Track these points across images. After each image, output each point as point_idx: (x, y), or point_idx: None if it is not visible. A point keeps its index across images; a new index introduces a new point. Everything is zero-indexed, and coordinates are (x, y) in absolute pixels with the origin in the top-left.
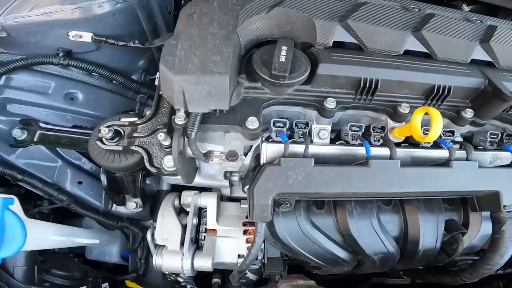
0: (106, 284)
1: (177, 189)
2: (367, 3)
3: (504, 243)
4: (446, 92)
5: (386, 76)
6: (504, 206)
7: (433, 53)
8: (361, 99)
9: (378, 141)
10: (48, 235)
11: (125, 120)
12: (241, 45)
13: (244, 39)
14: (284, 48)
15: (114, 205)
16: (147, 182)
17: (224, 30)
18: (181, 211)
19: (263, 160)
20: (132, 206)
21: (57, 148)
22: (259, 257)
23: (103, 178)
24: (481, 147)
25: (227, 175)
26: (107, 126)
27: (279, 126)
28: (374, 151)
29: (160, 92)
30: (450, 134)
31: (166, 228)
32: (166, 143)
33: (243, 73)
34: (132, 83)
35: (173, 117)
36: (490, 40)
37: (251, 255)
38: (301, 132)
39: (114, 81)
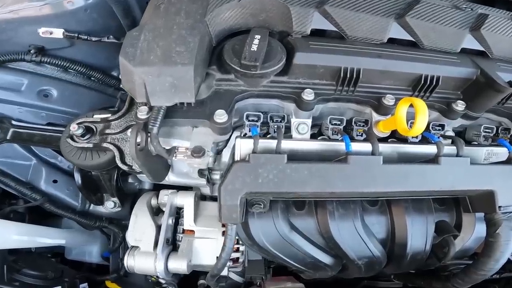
0: (85, 285)
1: (160, 188)
2: None
3: (499, 247)
4: (434, 83)
5: (368, 66)
6: (500, 207)
7: (419, 41)
8: (343, 91)
9: (361, 135)
10: (8, 235)
11: (97, 116)
12: (211, 35)
13: (215, 29)
14: (257, 37)
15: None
16: (130, 180)
17: (191, 19)
18: (159, 211)
19: (237, 157)
20: (110, 205)
21: (32, 146)
22: (241, 260)
23: (77, 176)
24: (475, 142)
25: (204, 172)
26: (78, 123)
27: (252, 120)
28: (356, 146)
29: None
30: (440, 128)
31: (139, 229)
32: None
33: (214, 64)
34: (112, 80)
35: (135, 111)
36: (481, 28)
37: (222, 259)
38: (276, 126)
39: (92, 78)
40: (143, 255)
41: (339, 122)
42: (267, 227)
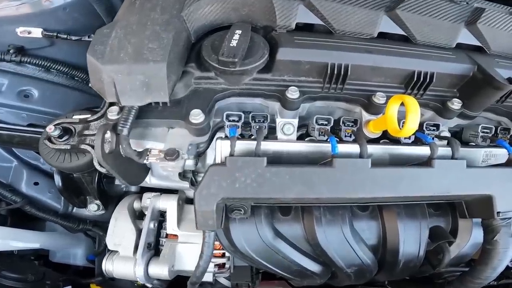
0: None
1: (147, 191)
2: None
3: (497, 255)
4: (428, 80)
5: (356, 61)
6: (498, 212)
7: (412, 36)
8: (331, 88)
9: (350, 136)
10: None
11: (76, 117)
12: (189, 31)
13: (194, 24)
14: (238, 32)
15: None
16: (116, 182)
17: (166, 15)
18: (142, 215)
19: (217, 159)
20: (94, 208)
21: (13, 148)
22: (227, 265)
23: (57, 179)
24: (473, 144)
25: (187, 175)
26: (55, 124)
27: (233, 120)
28: (344, 148)
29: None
30: (434, 128)
31: (119, 233)
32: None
33: (192, 61)
34: None
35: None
36: (477, 22)
37: (200, 267)
38: (257, 127)
39: (76, 78)
40: (122, 260)
41: (326, 122)
42: (249, 233)
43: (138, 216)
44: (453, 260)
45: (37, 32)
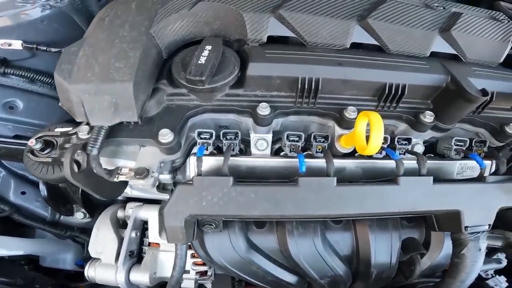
0: None
1: (134, 200)
2: None
3: (464, 269)
4: (400, 92)
5: (327, 75)
6: (466, 227)
7: (385, 46)
8: (303, 103)
9: (321, 152)
10: None
11: (58, 130)
12: (160, 47)
13: (164, 40)
14: (208, 47)
15: None
16: None
17: (135, 32)
18: (126, 223)
19: (191, 175)
20: (80, 216)
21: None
22: (209, 273)
23: (42, 189)
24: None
25: (168, 187)
26: (37, 138)
27: (204, 138)
28: (315, 163)
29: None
30: (406, 142)
31: (101, 242)
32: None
33: (164, 78)
34: None
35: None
36: (451, 29)
37: (174, 278)
38: (227, 144)
39: None
40: (104, 267)
41: (297, 139)
42: (223, 245)
43: (122, 224)
44: (427, 270)
45: (17, 44)
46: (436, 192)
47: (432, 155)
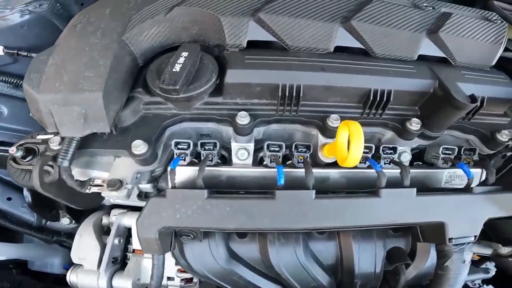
0: None
1: (120, 207)
2: None
3: (447, 281)
4: (385, 99)
5: (309, 81)
6: (450, 239)
7: (370, 49)
8: (285, 111)
9: (303, 162)
10: None
11: (39, 137)
12: (134, 55)
13: (139, 47)
14: (184, 54)
15: None
16: None
17: (107, 39)
18: (110, 230)
19: (171, 185)
20: (66, 222)
21: None
22: (195, 280)
23: (27, 195)
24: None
25: (150, 195)
26: (18, 145)
27: (182, 148)
28: (297, 174)
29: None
30: (391, 151)
31: (83, 248)
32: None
33: (140, 86)
34: None
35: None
36: (439, 31)
37: (152, 286)
38: (205, 155)
39: None
40: (86, 273)
41: (277, 148)
42: (204, 255)
43: (106, 231)
44: (413, 280)
45: None
46: (419, 204)
47: (420, 163)
